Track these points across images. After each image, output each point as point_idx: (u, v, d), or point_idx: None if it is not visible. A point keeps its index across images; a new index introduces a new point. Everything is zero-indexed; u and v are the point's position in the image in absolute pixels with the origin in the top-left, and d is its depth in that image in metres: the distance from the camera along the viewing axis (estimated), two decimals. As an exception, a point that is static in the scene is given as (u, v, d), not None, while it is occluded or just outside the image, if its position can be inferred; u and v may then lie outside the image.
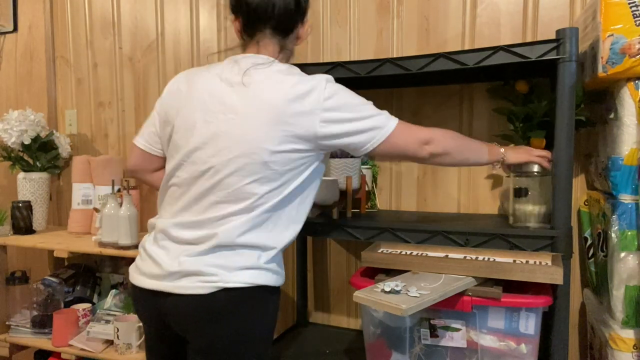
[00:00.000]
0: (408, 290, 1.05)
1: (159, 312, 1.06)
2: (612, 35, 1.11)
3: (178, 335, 1.07)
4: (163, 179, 1.13)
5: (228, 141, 1.01)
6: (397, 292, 1.05)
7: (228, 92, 1.04)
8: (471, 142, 1.20)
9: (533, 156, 1.22)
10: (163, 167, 1.18)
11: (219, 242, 1.01)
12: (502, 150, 1.22)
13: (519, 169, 1.25)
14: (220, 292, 1.00)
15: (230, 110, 1.02)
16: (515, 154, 1.22)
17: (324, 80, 1.04)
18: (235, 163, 1.01)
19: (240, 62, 1.08)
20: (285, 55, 1.14)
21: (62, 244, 1.78)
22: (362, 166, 1.57)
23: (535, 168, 1.25)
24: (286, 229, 1.08)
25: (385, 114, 1.10)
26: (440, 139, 1.11)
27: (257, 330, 1.05)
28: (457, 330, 1.14)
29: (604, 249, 1.23)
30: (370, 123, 1.07)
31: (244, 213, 1.02)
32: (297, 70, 1.08)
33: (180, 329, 1.05)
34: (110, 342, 1.74)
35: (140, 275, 1.08)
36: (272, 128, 1.00)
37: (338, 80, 1.38)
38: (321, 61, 1.75)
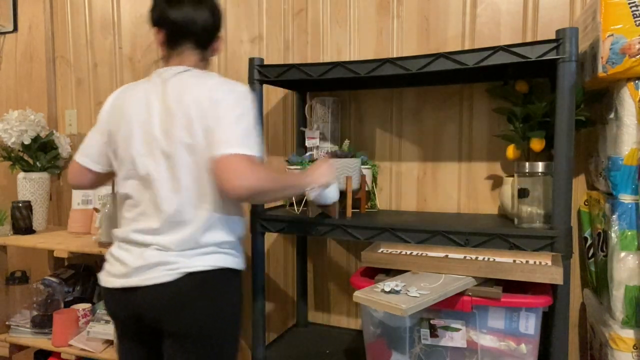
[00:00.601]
0: (408, 290, 1.05)
1: (132, 308, 1.13)
2: (612, 35, 1.11)
3: (152, 332, 1.14)
4: (118, 192, 1.21)
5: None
6: (397, 292, 1.05)
7: (153, 101, 1.13)
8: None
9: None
10: (100, 181, 1.33)
11: (182, 246, 1.10)
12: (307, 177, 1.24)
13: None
14: (185, 277, 1.08)
15: (156, 118, 1.12)
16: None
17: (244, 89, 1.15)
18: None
19: (162, 73, 1.17)
20: (203, 65, 1.23)
21: (62, 244, 1.78)
22: (362, 166, 1.58)
23: (540, 169, 1.25)
24: (237, 222, 1.18)
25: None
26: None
27: (225, 310, 1.13)
28: (457, 330, 1.14)
29: (604, 249, 1.23)
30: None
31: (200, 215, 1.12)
32: (215, 74, 1.18)
33: (153, 320, 1.11)
34: (110, 342, 1.74)
35: (109, 277, 1.16)
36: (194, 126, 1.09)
37: (338, 80, 1.39)
38: (321, 61, 1.75)
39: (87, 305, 1.86)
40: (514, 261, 1.17)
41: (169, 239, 1.10)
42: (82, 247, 1.73)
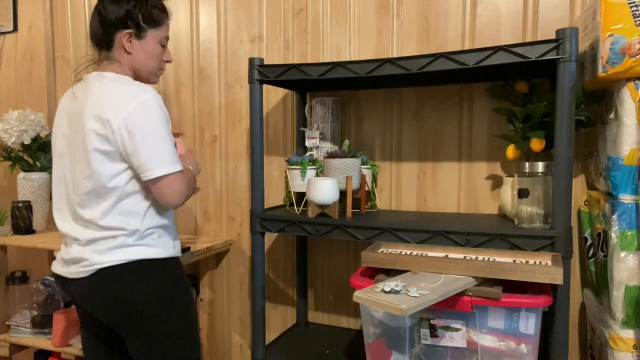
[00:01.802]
0: (408, 290, 1.05)
1: (72, 295, 1.24)
2: (612, 35, 1.11)
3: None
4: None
5: None
6: (397, 292, 1.05)
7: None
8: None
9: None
10: None
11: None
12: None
13: None
14: (98, 272, 1.15)
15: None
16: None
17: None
18: None
19: None
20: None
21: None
22: (362, 166, 1.58)
23: (540, 169, 1.25)
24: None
25: None
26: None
27: (144, 301, 1.16)
28: (457, 330, 1.14)
29: (604, 249, 1.23)
30: None
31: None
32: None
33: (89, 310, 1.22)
34: (110, 342, 1.74)
35: (56, 264, 1.26)
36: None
37: (338, 80, 1.39)
38: (321, 61, 1.75)
39: (87, 305, 1.86)
40: (514, 261, 1.17)
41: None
42: (82, 247, 1.72)
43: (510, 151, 1.42)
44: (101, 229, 1.15)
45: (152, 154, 1.11)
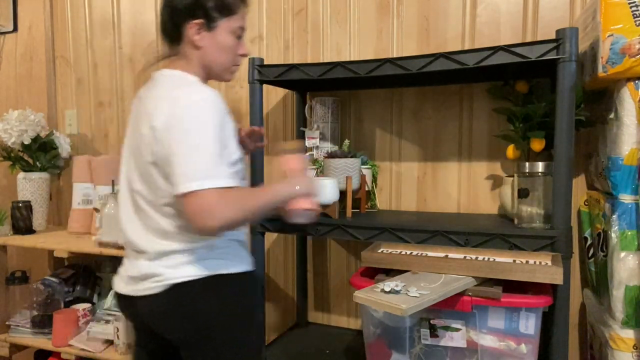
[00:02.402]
0: (408, 290, 1.05)
1: (136, 314, 1.12)
2: (612, 35, 1.11)
3: (157, 340, 1.13)
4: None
5: None
6: (397, 292, 1.05)
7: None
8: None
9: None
10: None
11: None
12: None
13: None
14: (171, 289, 1.03)
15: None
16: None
17: None
18: None
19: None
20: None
21: (62, 244, 1.78)
22: (362, 166, 1.57)
23: (540, 169, 1.25)
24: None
25: None
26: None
27: (216, 318, 1.05)
28: (457, 330, 1.14)
29: (604, 249, 1.23)
30: None
31: None
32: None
33: (156, 328, 1.10)
34: (110, 342, 1.74)
35: (118, 282, 1.15)
36: None
37: (338, 80, 1.38)
38: (321, 61, 1.75)
39: (87, 305, 1.86)
40: (514, 261, 1.17)
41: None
42: (82, 247, 1.73)
43: (510, 151, 1.42)
44: (175, 242, 1.04)
45: (182, 166, 0.94)
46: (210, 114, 0.97)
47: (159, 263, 1.05)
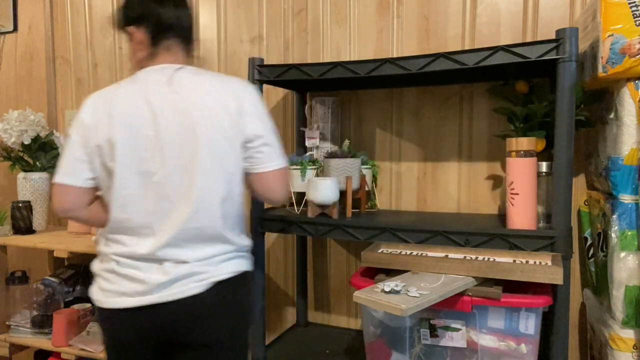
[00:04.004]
0: (408, 290, 1.05)
1: (149, 327, 1.08)
2: (612, 35, 1.11)
3: (158, 351, 1.12)
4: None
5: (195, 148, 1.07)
6: (397, 292, 1.05)
7: (162, 102, 1.07)
8: None
9: None
10: (94, 199, 1.15)
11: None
12: None
13: None
14: (214, 286, 1.08)
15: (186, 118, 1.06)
16: None
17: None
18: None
19: (160, 71, 1.11)
20: (190, 62, 1.19)
21: (62, 244, 1.78)
22: (362, 166, 1.57)
23: (540, 168, 1.25)
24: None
25: None
26: None
27: (249, 314, 1.18)
28: (457, 330, 1.14)
29: (604, 249, 1.23)
30: None
31: None
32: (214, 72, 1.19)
33: (178, 335, 1.08)
34: (110, 342, 1.74)
35: (119, 297, 1.07)
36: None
37: (338, 80, 1.39)
38: (321, 61, 1.75)
39: (87, 305, 1.86)
40: (514, 261, 1.17)
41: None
42: (82, 247, 1.73)
43: (510, 151, 1.42)
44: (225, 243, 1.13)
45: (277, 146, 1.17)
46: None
47: (204, 263, 1.09)
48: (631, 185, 1.15)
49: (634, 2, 1.10)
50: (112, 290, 1.08)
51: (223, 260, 1.11)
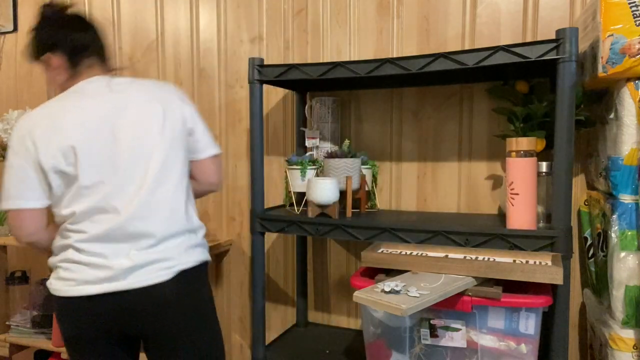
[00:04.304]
0: (408, 290, 1.05)
1: (113, 315, 1.10)
2: (612, 35, 1.11)
3: (125, 340, 1.18)
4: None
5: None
6: (397, 292, 1.05)
7: (118, 110, 1.14)
8: None
9: None
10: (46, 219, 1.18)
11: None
12: None
13: None
14: (179, 275, 1.14)
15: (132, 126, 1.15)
16: None
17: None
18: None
19: (96, 82, 1.20)
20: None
21: (62, 244, 1.77)
22: (362, 166, 1.58)
23: (540, 168, 1.25)
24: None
25: None
26: None
27: (211, 304, 1.25)
28: (457, 330, 1.14)
29: (604, 249, 1.23)
30: None
31: None
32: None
33: (141, 325, 1.13)
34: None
35: (82, 285, 1.09)
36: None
37: (338, 80, 1.39)
38: (321, 61, 1.75)
39: (87, 305, 1.85)
40: (514, 261, 1.17)
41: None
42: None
43: (510, 151, 1.42)
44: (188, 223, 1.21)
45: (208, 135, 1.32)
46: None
47: (169, 245, 1.15)
48: (631, 185, 1.15)
49: (634, 2, 1.10)
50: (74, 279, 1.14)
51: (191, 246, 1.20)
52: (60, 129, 1.10)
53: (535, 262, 1.14)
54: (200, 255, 1.21)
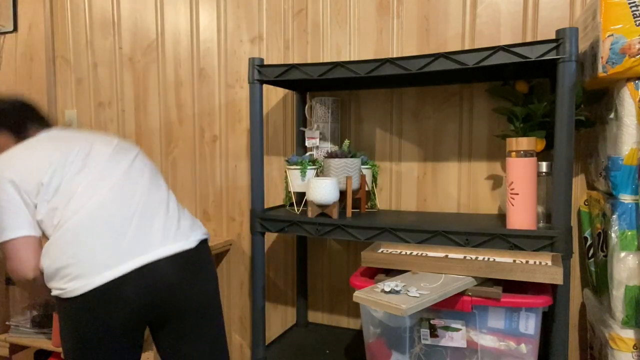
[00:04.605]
0: (408, 290, 1.05)
1: (147, 290, 1.16)
2: (612, 35, 1.11)
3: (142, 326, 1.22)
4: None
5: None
6: (397, 292, 1.05)
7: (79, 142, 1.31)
8: None
9: None
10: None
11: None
12: None
13: None
14: (201, 243, 1.30)
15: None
16: None
17: None
18: None
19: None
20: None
21: (62, 244, 1.78)
22: (362, 166, 1.58)
23: (540, 168, 1.25)
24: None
25: None
26: None
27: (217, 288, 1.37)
28: (457, 330, 1.14)
29: (604, 249, 1.23)
30: None
31: None
32: None
33: (169, 294, 1.20)
34: (110, 342, 1.74)
35: (113, 268, 1.13)
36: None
37: (338, 80, 1.39)
38: (321, 61, 1.75)
39: (87, 305, 1.85)
40: (514, 261, 1.17)
41: None
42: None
43: (510, 151, 1.42)
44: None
45: None
46: None
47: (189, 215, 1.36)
48: (631, 185, 1.15)
49: (634, 2, 1.10)
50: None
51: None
52: (42, 161, 1.27)
53: (535, 262, 1.14)
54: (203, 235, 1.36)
